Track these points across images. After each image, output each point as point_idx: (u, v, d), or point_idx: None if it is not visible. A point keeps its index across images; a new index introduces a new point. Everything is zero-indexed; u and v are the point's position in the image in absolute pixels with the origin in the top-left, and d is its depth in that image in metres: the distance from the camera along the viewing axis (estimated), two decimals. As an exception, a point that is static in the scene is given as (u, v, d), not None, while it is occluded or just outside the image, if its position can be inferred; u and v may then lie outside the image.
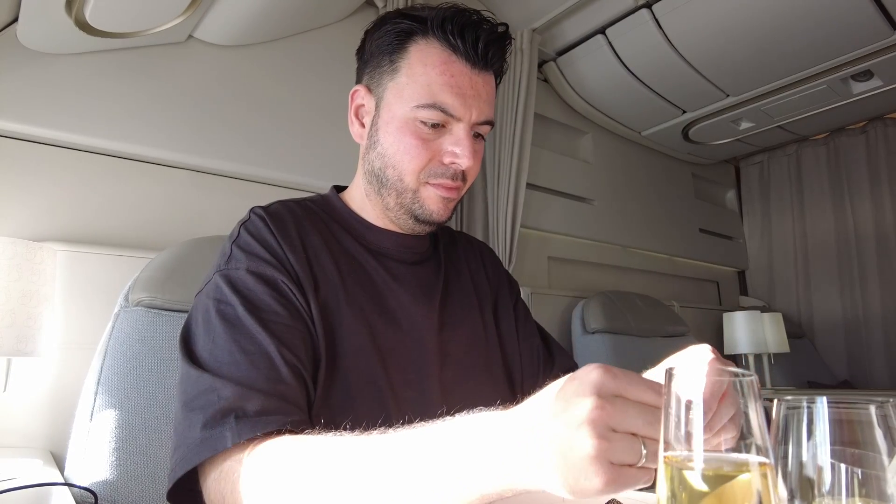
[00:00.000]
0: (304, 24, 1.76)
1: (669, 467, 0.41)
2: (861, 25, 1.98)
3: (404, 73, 0.79)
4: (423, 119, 0.78)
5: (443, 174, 0.80)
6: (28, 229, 1.30)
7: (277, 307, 0.70)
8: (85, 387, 0.94)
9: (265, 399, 0.61)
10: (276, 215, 0.80)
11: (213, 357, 0.65)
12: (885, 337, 2.95)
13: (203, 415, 0.60)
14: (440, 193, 0.81)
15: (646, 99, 2.47)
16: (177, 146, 1.52)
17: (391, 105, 0.80)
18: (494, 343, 0.91)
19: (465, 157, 0.79)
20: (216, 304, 0.70)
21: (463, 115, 0.78)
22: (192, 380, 0.64)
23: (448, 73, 0.77)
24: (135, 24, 1.36)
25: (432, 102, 0.77)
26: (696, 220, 3.24)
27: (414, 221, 0.84)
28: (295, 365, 0.66)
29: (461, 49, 0.78)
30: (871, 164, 3.10)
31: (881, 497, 0.41)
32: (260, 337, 0.66)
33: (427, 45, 0.79)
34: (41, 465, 1.01)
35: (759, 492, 0.39)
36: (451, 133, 0.79)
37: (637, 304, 2.39)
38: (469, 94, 0.78)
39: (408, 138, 0.79)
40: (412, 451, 0.48)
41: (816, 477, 0.42)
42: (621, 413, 0.40)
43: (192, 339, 0.69)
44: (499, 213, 2.12)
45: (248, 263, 0.73)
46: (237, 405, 0.60)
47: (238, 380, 0.63)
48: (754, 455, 0.39)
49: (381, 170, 0.82)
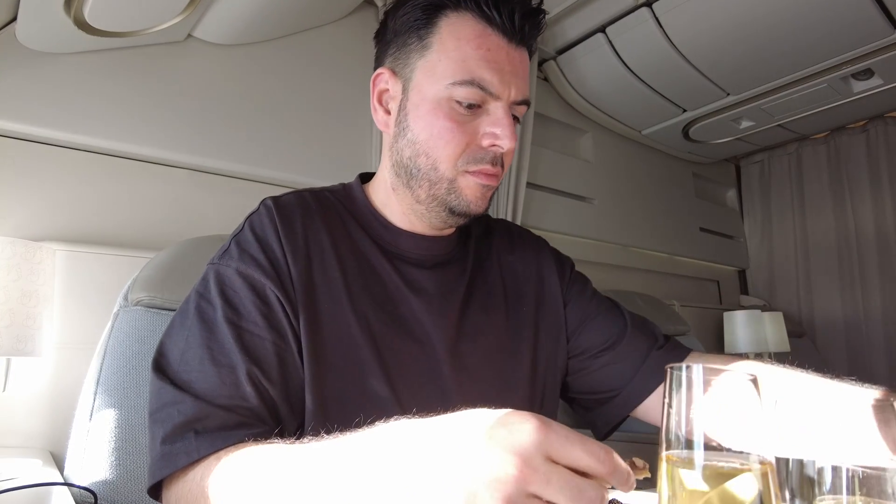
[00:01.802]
0: (303, 23, 1.76)
1: (670, 466, 0.41)
2: (861, 24, 1.98)
3: (435, 50, 0.72)
4: (459, 98, 0.71)
5: (482, 159, 0.73)
6: (27, 229, 1.30)
7: (257, 316, 0.67)
8: (84, 386, 0.94)
9: (226, 414, 0.60)
10: (284, 209, 0.76)
11: (183, 359, 0.64)
12: (885, 336, 2.95)
13: (163, 428, 0.60)
14: (480, 181, 0.74)
15: (646, 98, 2.46)
16: (176, 145, 1.52)
17: (422, 86, 0.73)
18: (524, 351, 0.83)
19: (507, 138, 0.71)
20: (198, 300, 0.69)
21: (502, 92, 0.71)
22: (156, 390, 0.63)
23: (485, 46, 0.71)
24: (134, 24, 1.36)
25: (470, 79, 0.70)
26: (697, 220, 3.24)
27: (448, 214, 0.77)
28: (260, 384, 0.64)
29: (497, 21, 0.71)
30: (872, 162, 3.10)
31: (882, 496, 0.41)
32: (231, 349, 0.64)
33: (459, 19, 0.72)
34: (41, 465, 1.01)
35: (759, 490, 0.39)
36: (489, 113, 0.73)
37: (637, 304, 2.38)
38: (507, 69, 0.71)
39: (442, 121, 0.72)
40: (332, 462, 0.46)
41: (817, 476, 0.42)
42: (543, 481, 0.36)
43: (169, 331, 0.68)
44: (499, 212, 2.11)
45: (239, 263, 0.70)
46: (197, 420, 0.59)
47: (201, 393, 0.61)
48: (755, 454, 0.39)
49: (412, 159, 0.75)
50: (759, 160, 3.56)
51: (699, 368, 0.40)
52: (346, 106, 1.81)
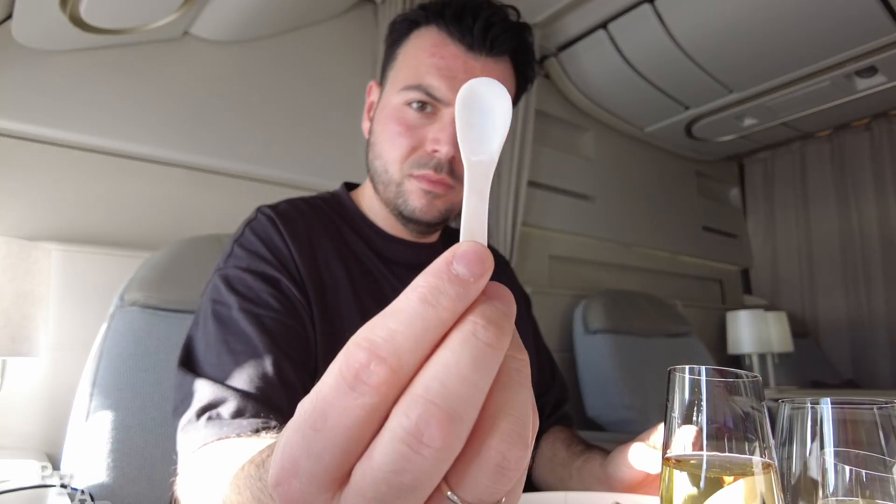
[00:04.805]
0: (300, 20, 1.75)
1: (673, 469, 0.40)
2: (865, 21, 1.97)
3: (400, 60, 0.78)
4: (408, 100, 0.75)
5: (425, 164, 0.75)
6: (22, 228, 1.29)
7: (275, 304, 0.68)
8: (80, 387, 0.94)
9: (241, 401, 0.60)
10: (285, 215, 0.78)
11: (204, 359, 0.65)
12: (889, 335, 2.93)
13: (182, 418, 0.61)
14: (423, 186, 0.76)
15: (648, 95, 2.45)
16: (173, 144, 1.51)
17: (387, 94, 0.79)
18: None
19: (445, 144, 0.73)
20: (212, 306, 0.69)
21: (451, 99, 0.74)
22: (178, 384, 0.65)
23: (438, 55, 0.74)
24: (130, 21, 1.36)
25: (417, 84, 0.74)
26: (700, 218, 3.23)
27: (402, 220, 0.80)
28: (282, 363, 0.64)
29: (456, 33, 0.75)
30: (876, 160, 3.08)
31: (886, 498, 0.40)
32: (250, 333, 0.65)
33: (426, 32, 0.77)
34: (37, 467, 1.00)
35: (762, 493, 0.38)
36: (438, 119, 0.75)
37: (639, 303, 2.37)
38: (461, 77, 0.74)
39: (392, 125, 0.76)
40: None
41: (820, 478, 0.42)
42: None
43: (190, 342, 0.69)
44: (500, 211, 2.11)
45: (248, 262, 0.71)
46: (211, 407, 0.60)
47: (218, 380, 0.62)
48: (758, 456, 0.39)
49: (372, 161, 0.80)
50: (763, 158, 3.55)
51: (702, 369, 0.40)
52: (344, 103, 1.80)
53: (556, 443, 0.86)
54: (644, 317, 2.31)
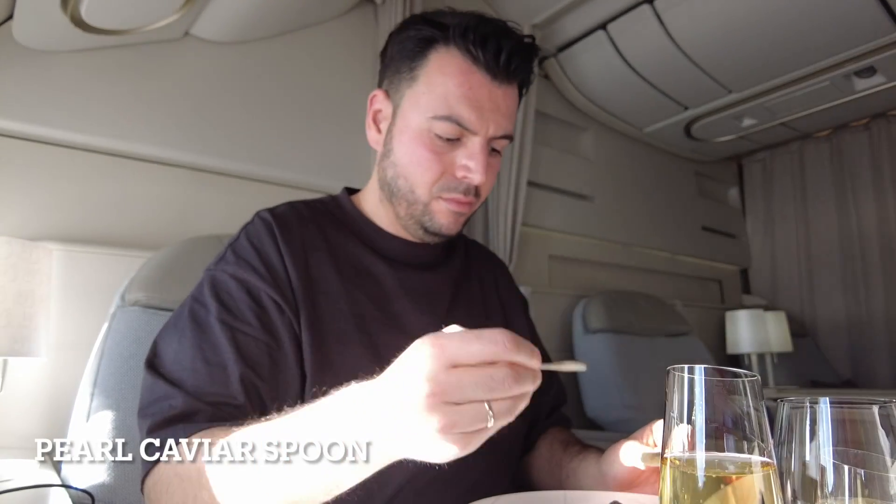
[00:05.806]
0: (301, 21, 1.75)
1: (672, 469, 0.40)
2: (864, 22, 1.97)
3: (422, 82, 0.77)
4: (438, 132, 0.76)
5: (455, 188, 0.78)
6: (23, 228, 1.29)
7: (252, 318, 0.69)
8: (81, 387, 0.94)
9: (215, 410, 0.62)
10: (282, 218, 0.79)
11: (176, 359, 0.67)
12: (888, 335, 2.94)
13: (153, 420, 0.62)
14: (451, 208, 0.79)
15: (648, 95, 2.45)
16: (174, 144, 1.51)
17: (407, 114, 0.79)
18: None
19: (478, 173, 0.76)
20: (192, 304, 0.71)
21: (479, 128, 0.76)
22: (149, 386, 0.66)
23: (466, 84, 0.75)
24: (131, 21, 1.36)
25: (448, 115, 0.75)
26: (699, 218, 3.23)
27: (423, 232, 0.83)
28: (251, 382, 0.66)
29: (482, 60, 0.75)
30: (875, 160, 3.09)
31: (884, 497, 0.40)
32: (223, 348, 0.67)
33: (447, 54, 0.76)
34: (38, 467, 1.00)
35: (761, 492, 0.38)
36: (466, 147, 0.77)
37: (639, 303, 2.37)
38: (487, 107, 0.76)
39: (421, 150, 0.77)
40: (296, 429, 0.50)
41: (819, 477, 0.42)
42: (457, 388, 0.41)
43: (162, 333, 0.71)
44: (499, 211, 2.11)
45: (235, 268, 0.73)
46: (186, 415, 0.62)
47: (192, 389, 0.64)
48: (757, 456, 0.39)
49: (393, 179, 0.81)
50: (762, 158, 3.55)
51: (700, 369, 0.40)
52: (345, 103, 1.80)
53: (554, 444, 0.87)
54: (644, 317, 2.31)
